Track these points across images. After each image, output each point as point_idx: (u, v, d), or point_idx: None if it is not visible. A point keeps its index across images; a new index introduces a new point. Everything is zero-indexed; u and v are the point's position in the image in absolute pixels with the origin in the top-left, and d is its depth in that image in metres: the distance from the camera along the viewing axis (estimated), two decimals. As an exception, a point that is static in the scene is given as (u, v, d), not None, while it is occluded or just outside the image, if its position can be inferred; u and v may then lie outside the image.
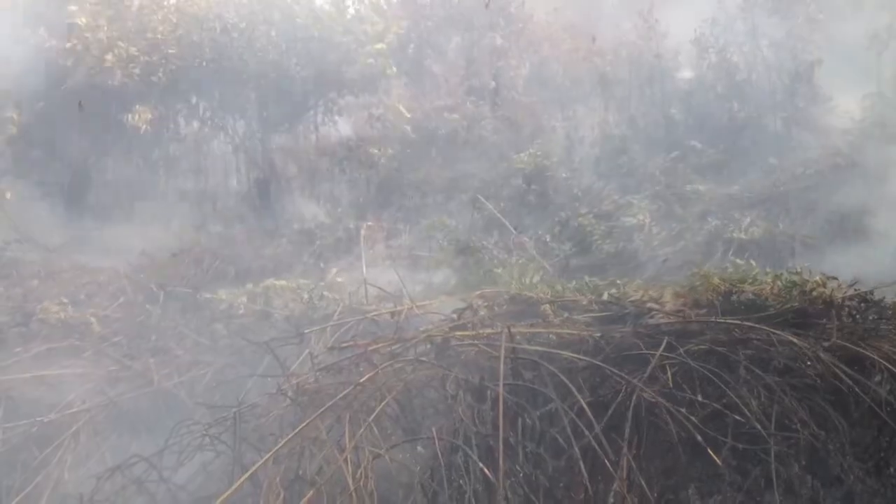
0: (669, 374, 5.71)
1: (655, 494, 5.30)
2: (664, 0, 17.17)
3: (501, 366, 5.34)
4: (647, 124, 16.05)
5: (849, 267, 9.54)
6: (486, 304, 7.22)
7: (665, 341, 5.94)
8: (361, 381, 5.65)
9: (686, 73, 16.51)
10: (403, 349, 6.23)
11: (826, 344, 6.10)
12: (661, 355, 5.78)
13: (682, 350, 5.83)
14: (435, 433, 5.12)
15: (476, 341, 6.09)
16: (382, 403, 5.47)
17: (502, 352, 5.45)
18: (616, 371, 5.58)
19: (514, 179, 14.55)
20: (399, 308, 7.24)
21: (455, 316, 6.73)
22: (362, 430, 5.27)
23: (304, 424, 5.31)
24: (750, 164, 13.29)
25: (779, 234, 10.35)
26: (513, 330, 6.06)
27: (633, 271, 10.22)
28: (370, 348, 6.13)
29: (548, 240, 11.18)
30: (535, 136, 16.46)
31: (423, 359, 5.97)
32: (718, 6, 16.03)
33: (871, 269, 9.17)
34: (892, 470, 5.77)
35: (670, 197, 12.21)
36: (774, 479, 5.20)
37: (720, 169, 13.55)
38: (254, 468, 5.10)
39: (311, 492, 4.82)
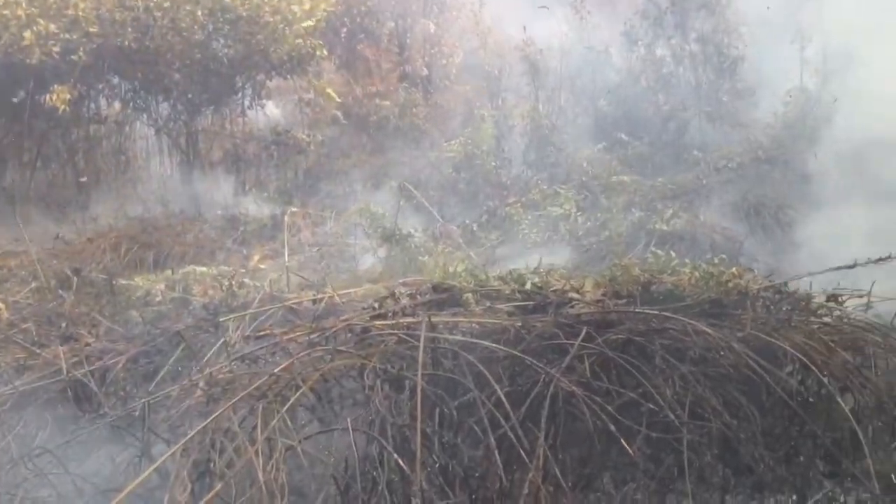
0: (587, 363, 5.74)
1: (570, 483, 5.32)
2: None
3: (420, 355, 5.28)
4: (577, 115, 16.21)
5: (766, 259, 9.82)
6: (408, 292, 7.15)
7: (584, 331, 5.97)
8: (276, 371, 5.53)
9: (616, 65, 16.67)
10: (322, 338, 6.13)
11: (740, 334, 6.20)
12: (579, 345, 5.81)
13: (600, 340, 5.86)
14: (350, 424, 5.05)
15: (396, 330, 6.02)
16: (297, 394, 5.36)
17: (422, 341, 5.39)
18: (534, 361, 5.56)
19: (444, 168, 14.53)
20: (320, 296, 7.13)
21: (376, 305, 6.65)
22: (275, 421, 5.15)
23: (214, 415, 5.17)
24: (674, 156, 13.51)
25: (700, 226, 10.55)
26: (433, 319, 6.01)
27: (560, 261, 10.26)
28: (286, 337, 6.01)
29: (475, 229, 11.17)
30: (466, 125, 16.47)
31: (342, 348, 5.87)
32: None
33: (787, 262, 9.44)
34: (801, 458, 5.90)
35: (596, 187, 12.33)
36: (686, 468, 5.26)
37: (646, 161, 13.75)
38: (160, 460, 4.96)
39: (220, 485, 4.70)
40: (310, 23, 15.71)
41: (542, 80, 16.03)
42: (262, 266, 10.49)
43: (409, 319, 6.10)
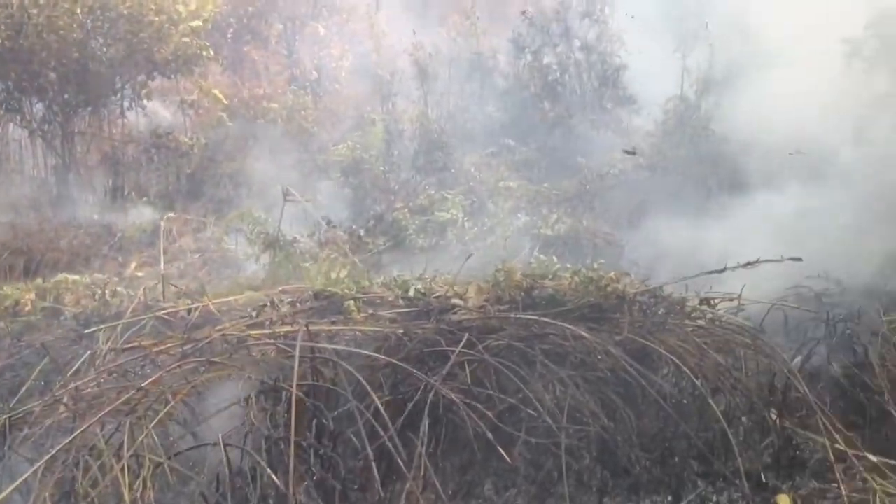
0: (468, 370, 5.75)
1: (450, 492, 5.30)
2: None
3: (296, 365, 5.15)
4: (466, 120, 16.29)
5: (645, 263, 10.04)
6: (289, 300, 7.01)
7: (465, 338, 5.97)
8: (144, 384, 5.31)
9: (504, 72, 16.85)
10: (196, 349, 5.93)
11: (618, 338, 6.34)
12: (460, 352, 5.81)
13: (481, 346, 5.88)
14: (221, 439, 4.88)
15: (274, 340, 5.88)
16: (166, 408, 5.16)
17: (297, 351, 5.26)
18: (412, 369, 5.52)
19: (332, 171, 14.37)
20: (194, 305, 6.89)
21: (254, 313, 6.48)
22: (142, 436, 4.94)
23: (79, 431, 4.92)
24: (559, 162, 13.70)
25: (583, 231, 10.72)
26: (313, 328, 5.90)
27: (446, 266, 10.24)
28: (157, 349, 5.79)
29: (362, 234, 11.05)
30: (355, 129, 16.32)
31: (216, 359, 5.69)
32: (536, 7, 16.46)
33: (664, 266, 9.67)
34: (676, 459, 6.05)
35: (484, 192, 12.40)
36: (564, 472, 5.31)
37: (532, 166, 13.93)
38: (20, 479, 4.69)
39: (83, 505, 4.47)
40: (197, 23, 15.30)
41: (431, 84, 16.04)
42: (140, 274, 10.11)
43: (287, 328, 5.97)
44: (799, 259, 6.95)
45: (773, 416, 6.42)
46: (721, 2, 13.32)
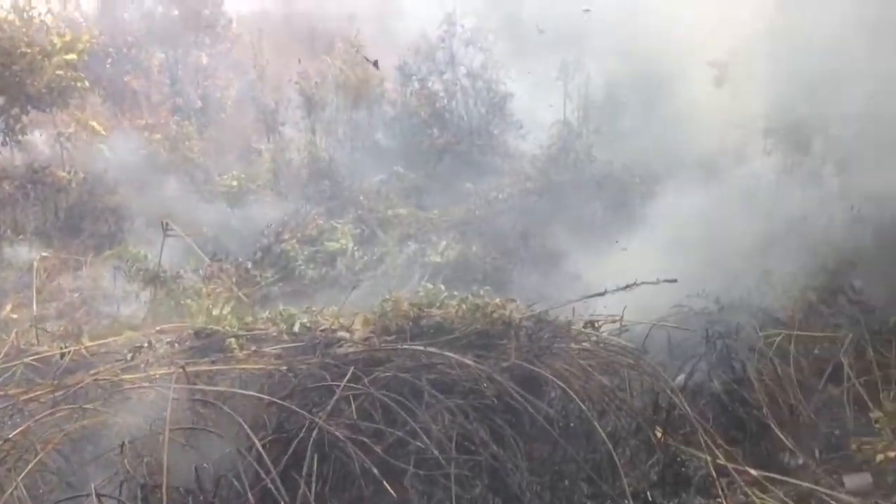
0: (354, 405, 5.65)
1: (338, 530, 5.18)
2: (371, 27, 17.49)
3: (169, 410, 4.95)
4: (355, 148, 16.21)
5: (533, 287, 10.17)
6: (168, 340, 6.76)
7: (351, 371, 5.88)
8: (12, 435, 5.02)
9: (392, 99, 16.86)
10: (67, 396, 5.63)
11: (505, 364, 6.35)
12: (346, 386, 5.71)
13: (367, 379, 5.80)
14: (94, 489, 4.64)
15: (150, 383, 5.65)
16: (36, 459, 4.88)
17: (171, 394, 5.06)
18: (295, 407, 5.39)
19: (218, 203, 14.05)
20: (68, 349, 6.54)
21: (129, 356, 6.21)
22: (11, 489, 4.66)
23: (-65, 491, 4.60)
24: (449, 188, 13.77)
25: (472, 257, 10.77)
26: (191, 369, 5.71)
27: (337, 297, 10.12)
28: (24, 398, 5.48)
29: (249, 267, 10.81)
30: (242, 158, 16.03)
31: (89, 406, 5.43)
32: (421, 36, 16.57)
33: (552, 290, 9.80)
34: (566, 483, 6.08)
35: (373, 221, 12.33)
36: (454, 502, 5.26)
37: (421, 193, 13.94)
38: None
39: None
40: (72, 55, 14.75)
41: (319, 113, 15.91)
42: (14, 316, 9.59)
43: (163, 371, 5.74)
44: (674, 281, 7.13)
45: (658, 435, 6.54)
46: (598, 30, 13.74)
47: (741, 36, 9.54)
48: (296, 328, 6.86)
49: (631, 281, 7.38)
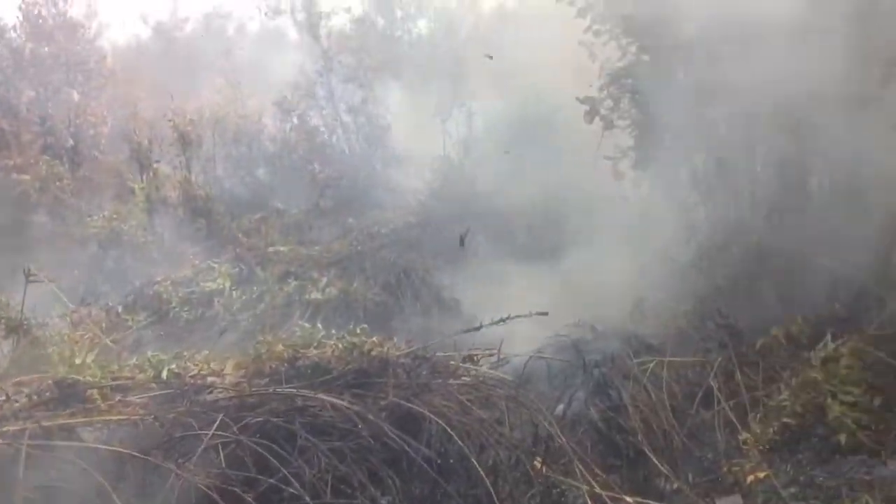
0: (222, 453, 5.45)
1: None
2: (249, 61, 17.34)
3: (21, 470, 4.64)
4: (233, 185, 15.93)
5: (416, 322, 10.15)
6: (27, 392, 6.37)
7: (220, 418, 5.67)
8: None
9: (270, 135, 16.68)
10: None
11: (383, 403, 6.27)
12: (215, 434, 5.51)
13: (237, 426, 5.61)
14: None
15: (2, 440, 5.29)
16: None
17: (23, 453, 4.75)
18: (160, 459, 5.15)
19: (90, 244, 13.51)
20: None
21: (-21, 412, 5.82)
22: None
23: None
24: (331, 224, 13.66)
25: (353, 293, 10.66)
26: (48, 423, 5.39)
27: (214, 338, 9.84)
28: None
29: (120, 311, 10.39)
30: (117, 197, 15.49)
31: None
32: (300, 71, 16.50)
33: (434, 324, 9.81)
34: (445, 522, 6.02)
35: (252, 259, 12.07)
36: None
37: (303, 229, 13.77)
38: None
39: None
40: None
41: (195, 150, 15.55)
42: None
43: (16, 427, 5.39)
44: (545, 314, 7.22)
45: (538, 466, 6.56)
46: (475, 67, 13.99)
47: (611, 71, 9.80)
48: (164, 375, 6.59)
49: (513, 313, 7.50)
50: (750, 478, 6.59)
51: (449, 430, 6.06)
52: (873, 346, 7.37)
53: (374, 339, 6.76)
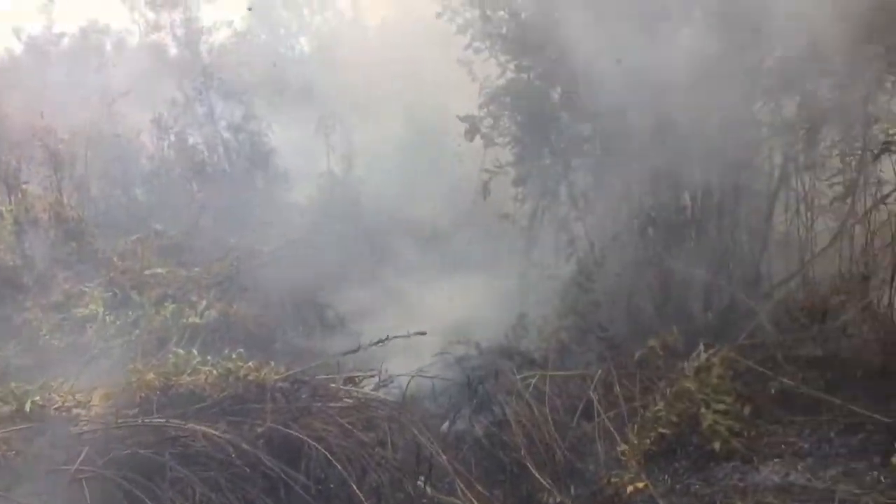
0: (87, 488, 5.19)
1: None
2: (127, 77, 16.74)
3: None
4: (109, 206, 15.31)
5: (300, 344, 9.97)
6: None
7: (85, 451, 5.41)
8: None
9: (148, 153, 16.12)
10: None
11: (261, 429, 6.11)
12: (77, 469, 5.24)
13: (101, 460, 5.36)
14: None
15: None
16: None
17: None
18: (19, 499, 4.86)
19: (-47, 272, 12.72)
20: None
21: None
22: None
23: None
24: (211, 244, 13.25)
25: (233, 316, 10.37)
26: None
27: (86, 367, 9.38)
28: None
29: (-17, 341, 9.82)
30: (-18, 222, 14.62)
31: None
32: (177, 87, 16.03)
33: (318, 345, 9.66)
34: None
35: (128, 283, 11.57)
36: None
37: (182, 251, 13.32)
38: None
39: None
40: None
41: (67, 169, 14.86)
42: None
43: None
44: (423, 333, 7.22)
45: (421, 487, 6.52)
46: (359, 84, 13.94)
47: (490, 89, 9.91)
48: (27, 407, 6.24)
49: (400, 331, 7.48)
50: (629, 488, 6.71)
51: (328, 455, 5.96)
52: (743, 356, 7.66)
53: (251, 363, 6.60)
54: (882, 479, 6.31)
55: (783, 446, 7.09)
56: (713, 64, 7.94)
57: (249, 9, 16.36)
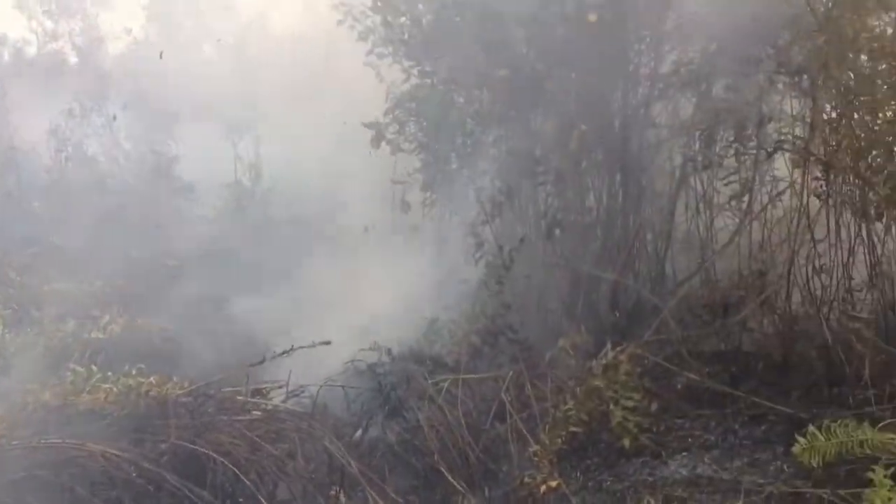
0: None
1: None
2: (24, 88, 16.15)
3: None
4: (4, 220, 14.68)
5: (209, 357, 9.72)
6: None
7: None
8: None
9: (46, 165, 15.52)
10: None
11: (164, 446, 5.95)
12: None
13: (-5, 486, 5.13)
14: None
15: None
16: None
17: None
18: None
19: None
20: None
21: None
22: None
23: None
24: (114, 258, 12.85)
25: (137, 330, 10.08)
26: None
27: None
28: None
29: None
30: None
31: None
32: (74, 97, 15.53)
33: (228, 358, 9.43)
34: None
35: (26, 299, 11.13)
36: None
37: (83, 265, 12.86)
38: None
39: None
40: None
41: (-43, 183, 14.24)
42: None
43: None
44: (328, 343, 7.17)
45: (334, 496, 6.43)
46: (265, 92, 13.77)
47: (395, 95, 9.90)
48: None
49: (312, 340, 7.37)
50: (543, 487, 6.74)
51: (236, 469, 5.83)
52: (649, 352, 7.81)
53: (153, 378, 6.42)
54: (785, 468, 6.48)
55: (690, 440, 7.24)
56: (611, 67, 8.10)
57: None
